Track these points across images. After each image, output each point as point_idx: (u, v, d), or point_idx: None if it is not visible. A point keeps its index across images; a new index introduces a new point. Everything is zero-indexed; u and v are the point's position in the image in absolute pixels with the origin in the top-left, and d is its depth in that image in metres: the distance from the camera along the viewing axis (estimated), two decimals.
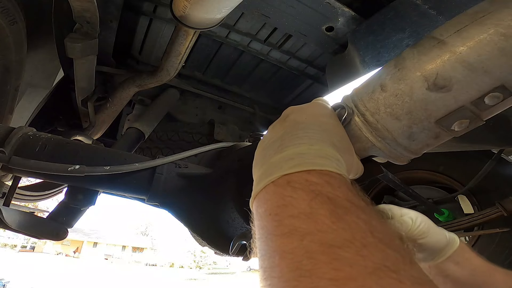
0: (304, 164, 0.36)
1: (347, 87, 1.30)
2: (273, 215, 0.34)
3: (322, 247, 0.28)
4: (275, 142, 0.42)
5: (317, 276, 0.26)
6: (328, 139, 0.41)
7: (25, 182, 1.54)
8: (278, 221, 0.33)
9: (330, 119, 0.45)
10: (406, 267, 0.27)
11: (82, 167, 0.68)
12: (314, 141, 0.40)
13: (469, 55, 0.38)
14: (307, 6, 1.09)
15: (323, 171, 0.36)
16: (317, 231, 0.29)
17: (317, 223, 0.30)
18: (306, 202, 0.32)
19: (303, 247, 0.28)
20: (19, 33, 0.91)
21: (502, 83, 0.37)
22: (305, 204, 0.32)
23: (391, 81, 0.44)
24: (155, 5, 1.26)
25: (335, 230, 0.29)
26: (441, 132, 0.42)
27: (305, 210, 0.32)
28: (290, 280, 0.27)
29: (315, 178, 0.35)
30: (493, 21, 0.37)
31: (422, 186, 1.55)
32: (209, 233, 0.80)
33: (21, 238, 30.29)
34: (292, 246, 0.29)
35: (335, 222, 0.30)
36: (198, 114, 1.86)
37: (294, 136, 0.41)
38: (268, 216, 0.34)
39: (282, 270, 0.28)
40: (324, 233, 0.29)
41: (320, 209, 0.31)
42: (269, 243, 0.32)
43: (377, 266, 0.26)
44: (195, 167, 0.84)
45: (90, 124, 1.48)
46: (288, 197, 0.34)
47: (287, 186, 0.35)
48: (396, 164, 0.48)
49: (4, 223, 0.65)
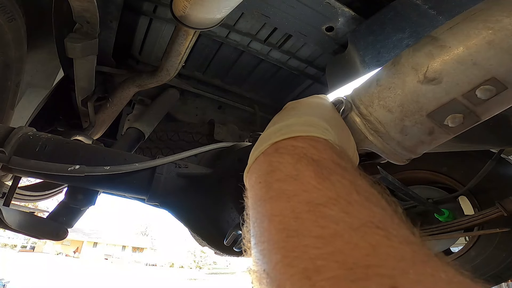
0: (291, 132, 0.37)
1: (347, 87, 1.30)
2: (262, 182, 0.34)
3: (308, 206, 0.28)
4: (268, 126, 0.43)
5: (303, 235, 0.26)
6: (317, 114, 0.42)
7: (25, 182, 1.53)
8: (267, 186, 0.33)
9: (326, 106, 0.46)
10: (394, 226, 0.26)
11: (82, 167, 0.68)
12: (302, 114, 0.41)
13: (458, 49, 0.39)
14: (307, 6, 1.09)
15: (308, 136, 0.37)
16: (302, 192, 0.30)
17: (303, 184, 0.30)
18: (292, 165, 0.33)
19: (290, 207, 0.29)
20: (18, 30, 0.91)
21: (493, 76, 0.38)
22: (291, 167, 0.33)
23: (386, 75, 0.45)
24: (155, 5, 1.26)
25: (320, 190, 0.29)
26: (435, 127, 0.42)
27: (291, 172, 0.32)
28: (279, 242, 0.27)
29: (300, 143, 0.36)
30: (483, 17, 0.39)
31: (422, 186, 1.55)
32: (209, 233, 0.80)
33: (21, 238, 30.31)
34: (280, 208, 0.29)
35: (320, 182, 0.30)
36: (198, 114, 1.85)
37: (285, 114, 0.43)
38: (258, 184, 0.35)
39: (271, 233, 0.28)
40: (309, 193, 0.29)
41: (306, 171, 0.32)
42: (259, 209, 0.32)
43: (363, 223, 0.26)
44: (195, 167, 0.84)
45: (90, 124, 1.48)
46: (276, 162, 0.34)
47: (275, 153, 0.36)
48: (397, 164, 0.48)
49: (4, 223, 0.65)
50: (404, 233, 0.26)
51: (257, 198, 0.34)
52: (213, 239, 0.81)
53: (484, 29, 0.38)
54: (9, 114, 1.03)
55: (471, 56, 0.38)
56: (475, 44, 0.38)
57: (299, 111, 0.43)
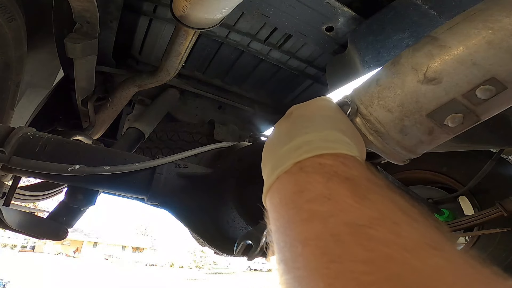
0: (314, 149, 0.34)
1: (347, 87, 1.30)
2: (289, 203, 0.31)
3: (349, 228, 0.25)
4: (281, 137, 0.41)
5: (349, 260, 0.23)
6: (335, 127, 0.39)
7: (25, 182, 1.54)
8: (295, 208, 0.30)
9: (335, 112, 0.45)
10: (449, 245, 0.24)
11: (82, 167, 0.68)
12: (320, 128, 0.38)
13: (458, 49, 0.39)
14: (307, 6, 1.09)
15: (335, 154, 0.34)
16: (339, 212, 0.27)
17: (339, 204, 0.28)
18: (323, 184, 0.30)
19: (327, 230, 0.26)
20: (18, 30, 0.91)
21: (493, 76, 0.38)
22: (322, 186, 0.30)
23: (385, 75, 0.45)
24: (155, 5, 1.26)
25: (360, 209, 0.26)
26: (435, 127, 0.42)
27: (323, 192, 0.29)
28: (318, 268, 0.24)
29: (328, 160, 0.33)
30: (483, 17, 0.39)
31: (422, 186, 1.55)
32: (209, 233, 0.80)
33: (21, 238, 30.30)
34: (315, 231, 0.27)
35: (359, 201, 0.27)
36: (198, 114, 1.86)
37: (300, 126, 0.39)
38: (284, 206, 0.32)
39: (307, 258, 0.26)
40: (348, 213, 0.26)
41: (340, 189, 0.29)
42: (288, 232, 0.29)
43: (416, 244, 0.23)
44: (195, 167, 0.84)
45: (90, 124, 1.48)
46: (303, 182, 0.31)
47: (300, 172, 0.33)
48: (397, 164, 0.48)
49: (4, 223, 0.65)
50: (459, 253, 0.24)
51: (285, 220, 0.31)
52: (213, 239, 0.81)
53: (484, 29, 0.38)
54: (9, 114, 1.03)
55: (471, 56, 0.38)
56: (475, 44, 0.38)
57: (314, 122, 0.40)
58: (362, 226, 0.25)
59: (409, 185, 1.49)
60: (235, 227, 0.77)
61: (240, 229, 0.77)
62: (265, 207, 0.38)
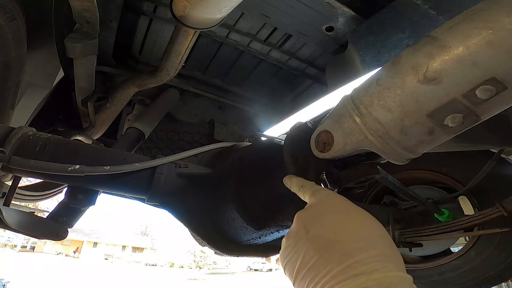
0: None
1: (347, 87, 1.30)
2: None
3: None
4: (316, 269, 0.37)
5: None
6: (392, 259, 0.36)
7: (25, 182, 1.53)
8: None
9: (383, 235, 0.39)
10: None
11: (82, 167, 0.68)
12: (374, 266, 0.35)
13: (458, 49, 0.39)
14: (307, 6, 1.09)
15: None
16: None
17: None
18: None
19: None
20: (18, 30, 0.91)
21: (493, 76, 0.38)
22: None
23: (386, 75, 0.45)
24: (155, 5, 1.26)
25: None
26: (435, 127, 0.42)
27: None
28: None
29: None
30: (483, 17, 0.39)
31: (423, 186, 1.55)
32: (209, 233, 0.80)
33: (21, 238, 30.30)
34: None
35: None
36: (198, 114, 1.85)
37: (351, 267, 0.35)
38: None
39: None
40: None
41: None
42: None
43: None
44: (195, 167, 0.84)
45: (90, 124, 1.48)
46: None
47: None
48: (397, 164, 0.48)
49: (4, 223, 0.65)
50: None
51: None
52: (213, 239, 0.81)
53: (484, 29, 0.38)
54: (9, 114, 1.03)
55: (471, 56, 0.38)
56: (475, 44, 0.38)
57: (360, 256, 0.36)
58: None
59: (409, 185, 1.49)
60: (235, 227, 0.77)
61: (240, 229, 0.77)
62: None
